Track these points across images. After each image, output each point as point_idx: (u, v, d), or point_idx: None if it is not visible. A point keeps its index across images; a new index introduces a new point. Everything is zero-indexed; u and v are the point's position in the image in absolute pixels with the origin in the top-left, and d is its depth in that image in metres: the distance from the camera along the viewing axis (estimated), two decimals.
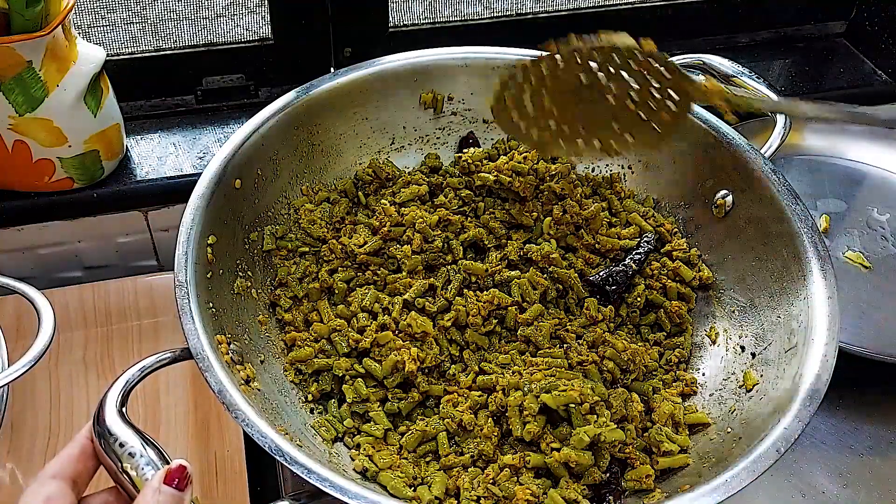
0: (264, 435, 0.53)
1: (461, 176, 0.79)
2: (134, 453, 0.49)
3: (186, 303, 0.59)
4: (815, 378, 0.59)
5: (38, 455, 0.76)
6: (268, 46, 0.98)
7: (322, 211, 0.76)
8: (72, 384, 0.82)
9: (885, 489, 0.76)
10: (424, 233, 0.72)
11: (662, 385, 0.69)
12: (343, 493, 0.50)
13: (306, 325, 0.70)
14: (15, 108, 0.78)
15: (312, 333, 0.69)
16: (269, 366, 0.67)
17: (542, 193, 0.76)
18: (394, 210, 0.74)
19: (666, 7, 1.10)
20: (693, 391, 0.69)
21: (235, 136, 0.72)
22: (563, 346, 0.69)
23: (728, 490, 0.53)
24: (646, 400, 0.67)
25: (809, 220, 0.68)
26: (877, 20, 1.14)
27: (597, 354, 0.68)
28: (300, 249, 0.74)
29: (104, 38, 0.95)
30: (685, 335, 0.73)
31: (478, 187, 0.78)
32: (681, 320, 0.73)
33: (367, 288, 0.71)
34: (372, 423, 0.65)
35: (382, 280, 0.72)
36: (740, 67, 0.82)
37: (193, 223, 0.65)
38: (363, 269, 0.73)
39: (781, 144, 0.77)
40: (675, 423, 0.65)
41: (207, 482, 0.75)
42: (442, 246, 0.73)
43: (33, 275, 0.95)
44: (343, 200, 0.78)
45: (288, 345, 0.69)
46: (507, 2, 1.06)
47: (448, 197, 0.77)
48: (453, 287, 0.71)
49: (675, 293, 0.73)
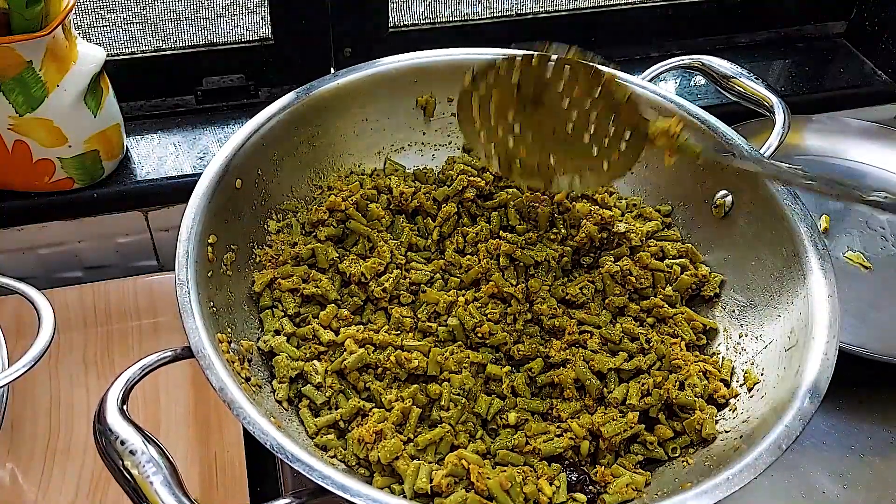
0: (265, 433, 0.53)
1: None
2: (135, 451, 0.49)
3: (187, 301, 0.59)
4: (816, 376, 0.59)
5: (38, 455, 0.76)
6: (268, 46, 0.98)
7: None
8: (72, 384, 0.82)
9: (885, 489, 0.76)
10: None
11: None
12: (345, 491, 0.50)
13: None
14: (15, 108, 0.78)
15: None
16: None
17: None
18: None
19: (666, 7, 1.10)
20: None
21: (236, 137, 0.72)
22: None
23: (730, 487, 0.53)
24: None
25: (809, 219, 0.68)
26: (877, 20, 1.14)
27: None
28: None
29: (104, 38, 0.95)
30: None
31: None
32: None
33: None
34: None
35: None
36: (739, 68, 0.82)
37: (194, 222, 0.65)
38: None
39: (780, 144, 0.77)
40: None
41: (207, 482, 0.75)
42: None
43: (33, 275, 0.95)
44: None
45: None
46: (507, 2, 1.07)
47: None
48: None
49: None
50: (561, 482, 0.61)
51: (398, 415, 0.63)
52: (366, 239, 0.75)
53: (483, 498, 0.57)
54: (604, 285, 0.74)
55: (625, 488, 0.60)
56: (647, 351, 0.69)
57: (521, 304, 0.71)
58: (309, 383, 0.66)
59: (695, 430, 0.64)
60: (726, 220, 0.75)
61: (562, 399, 0.67)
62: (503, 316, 0.70)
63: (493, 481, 0.57)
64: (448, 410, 0.64)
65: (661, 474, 0.63)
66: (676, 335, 0.71)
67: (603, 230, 0.76)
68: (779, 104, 0.79)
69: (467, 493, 0.58)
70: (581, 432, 0.63)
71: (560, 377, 0.66)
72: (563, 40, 1.07)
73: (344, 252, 0.75)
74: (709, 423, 0.64)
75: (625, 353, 0.69)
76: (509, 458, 0.62)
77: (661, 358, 0.69)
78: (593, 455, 0.64)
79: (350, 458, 0.62)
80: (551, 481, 0.60)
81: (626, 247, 0.76)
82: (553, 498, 0.59)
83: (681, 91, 1.06)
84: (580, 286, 0.73)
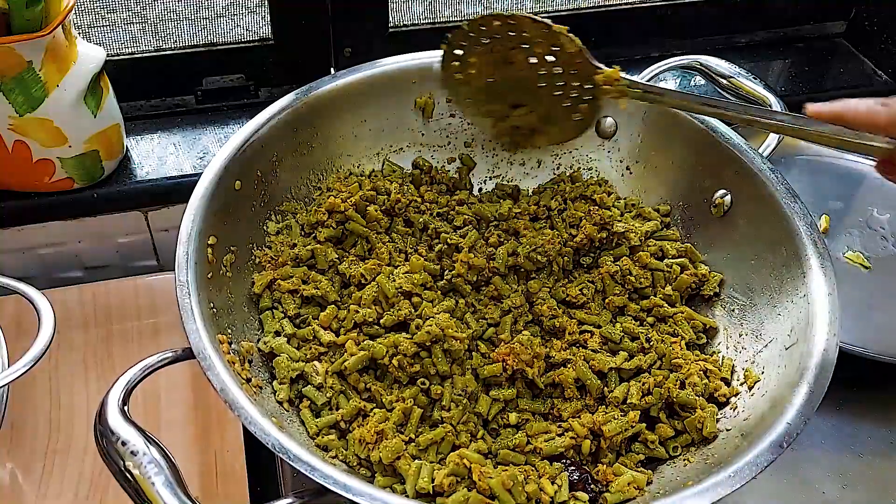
0: (267, 433, 0.53)
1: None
2: (136, 452, 0.50)
3: (188, 303, 0.59)
4: (817, 375, 0.59)
5: (38, 455, 0.76)
6: (268, 46, 0.98)
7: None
8: (72, 384, 0.82)
9: (885, 489, 0.76)
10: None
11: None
12: (347, 490, 0.50)
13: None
14: (15, 108, 0.78)
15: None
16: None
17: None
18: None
19: (666, 7, 1.10)
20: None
21: (235, 138, 0.71)
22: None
23: (732, 485, 0.53)
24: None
25: (808, 218, 0.68)
26: (877, 20, 1.14)
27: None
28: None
29: (104, 38, 0.95)
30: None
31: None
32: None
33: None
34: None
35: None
36: (737, 68, 0.82)
37: (194, 223, 0.65)
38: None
39: (779, 143, 0.77)
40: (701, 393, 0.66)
41: (207, 482, 0.75)
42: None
43: (33, 275, 0.95)
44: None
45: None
46: (507, 2, 1.06)
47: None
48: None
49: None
50: (562, 481, 0.61)
51: (399, 415, 0.63)
52: (364, 240, 0.75)
53: (485, 497, 0.57)
54: (603, 285, 0.74)
55: (626, 487, 0.60)
56: (648, 350, 0.69)
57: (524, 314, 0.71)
58: (309, 384, 0.66)
59: (695, 429, 0.64)
60: (725, 219, 0.75)
61: (563, 399, 0.67)
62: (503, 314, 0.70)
63: (495, 481, 0.57)
64: (449, 410, 0.64)
65: (662, 473, 0.63)
66: (676, 334, 0.71)
67: (602, 230, 0.76)
68: (777, 104, 0.79)
69: (469, 492, 0.58)
70: (582, 431, 0.63)
71: (561, 377, 0.66)
72: None
73: (343, 253, 0.75)
74: (709, 421, 0.64)
75: (625, 352, 0.69)
76: (511, 458, 0.62)
77: (661, 357, 0.69)
78: (594, 454, 0.64)
79: (351, 459, 0.62)
80: (553, 480, 0.61)
81: (625, 247, 0.76)
82: (555, 497, 0.59)
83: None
84: (580, 286, 0.73)
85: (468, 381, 0.65)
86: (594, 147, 0.84)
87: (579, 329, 0.71)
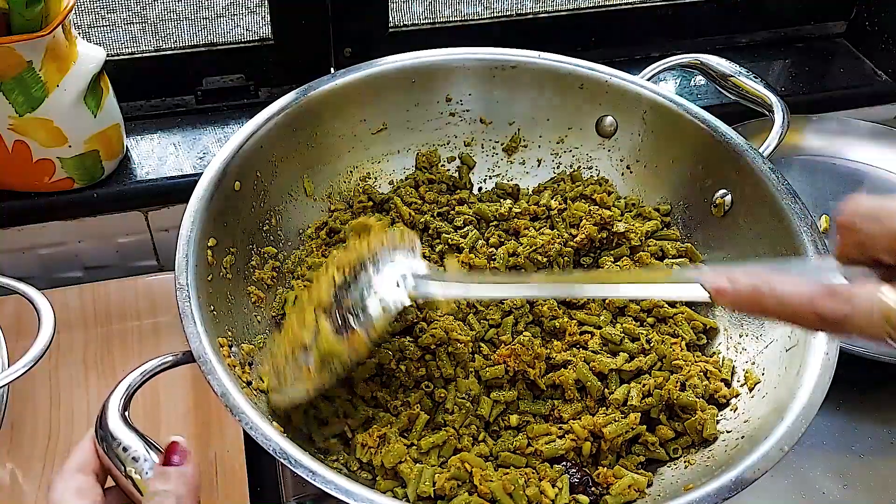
0: (268, 438, 0.53)
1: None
2: (137, 457, 0.50)
3: (188, 305, 0.59)
4: (818, 376, 0.59)
5: (38, 455, 0.76)
6: (268, 46, 0.98)
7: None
8: (72, 384, 0.82)
9: (885, 489, 0.76)
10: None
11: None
12: (349, 496, 0.50)
13: None
14: (15, 108, 0.78)
15: None
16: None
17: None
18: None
19: (666, 7, 1.09)
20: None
21: (234, 139, 0.71)
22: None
23: (734, 489, 0.53)
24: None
25: (808, 218, 0.68)
26: (877, 20, 1.14)
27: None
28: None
29: (104, 38, 0.95)
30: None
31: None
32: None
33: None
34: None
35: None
36: (738, 67, 0.82)
37: (193, 226, 0.64)
38: None
39: (780, 143, 0.77)
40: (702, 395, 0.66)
41: (207, 483, 0.75)
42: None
43: (33, 275, 0.95)
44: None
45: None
46: (507, 2, 1.06)
47: None
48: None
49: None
50: (563, 484, 0.61)
51: (405, 421, 0.63)
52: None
53: (486, 501, 0.57)
54: None
55: (627, 489, 0.60)
56: (648, 351, 0.69)
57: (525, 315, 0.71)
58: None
59: (696, 431, 0.64)
60: (726, 219, 0.75)
61: (563, 400, 0.67)
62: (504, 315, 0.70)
63: (496, 484, 0.57)
64: (452, 414, 0.64)
65: (663, 475, 0.63)
66: (677, 335, 0.71)
67: (603, 230, 0.76)
68: (778, 103, 0.79)
69: (470, 496, 0.58)
70: (583, 433, 0.63)
71: (561, 378, 0.66)
72: (563, 40, 1.08)
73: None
74: (710, 423, 0.64)
75: (625, 353, 0.69)
76: (511, 460, 0.62)
77: (661, 358, 0.69)
78: (595, 456, 0.64)
79: (352, 463, 0.62)
80: (553, 483, 0.61)
81: (625, 247, 0.76)
82: (555, 500, 0.59)
83: (680, 91, 1.06)
84: None
85: (471, 384, 0.65)
86: (594, 146, 0.84)
87: (580, 330, 0.71)
